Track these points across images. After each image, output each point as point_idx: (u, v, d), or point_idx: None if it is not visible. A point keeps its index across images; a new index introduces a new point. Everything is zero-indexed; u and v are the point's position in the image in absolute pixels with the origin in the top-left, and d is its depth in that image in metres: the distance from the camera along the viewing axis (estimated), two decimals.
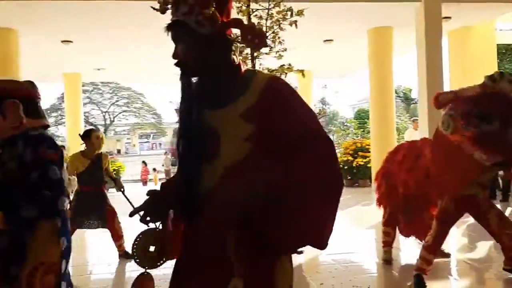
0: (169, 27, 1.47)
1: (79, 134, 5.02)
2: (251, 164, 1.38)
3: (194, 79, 1.54)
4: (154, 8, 1.55)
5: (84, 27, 8.85)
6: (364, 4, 8.02)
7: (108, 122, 49.11)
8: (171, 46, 1.48)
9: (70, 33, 9.28)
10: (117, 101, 47.90)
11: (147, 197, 1.56)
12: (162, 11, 1.53)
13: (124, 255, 4.83)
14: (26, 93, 2.10)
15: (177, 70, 1.51)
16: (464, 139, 3.33)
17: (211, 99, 1.48)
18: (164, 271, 1.67)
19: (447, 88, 8.37)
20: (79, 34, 9.38)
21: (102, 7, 7.63)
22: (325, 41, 10.51)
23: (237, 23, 1.50)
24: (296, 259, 4.77)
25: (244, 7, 5.13)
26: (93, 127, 6.58)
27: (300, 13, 5.08)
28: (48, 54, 10.94)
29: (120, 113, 49.47)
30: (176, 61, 1.50)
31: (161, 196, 1.58)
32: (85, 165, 4.77)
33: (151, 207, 1.54)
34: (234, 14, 5.09)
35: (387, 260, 4.52)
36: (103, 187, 5.00)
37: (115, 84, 44.14)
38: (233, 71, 1.49)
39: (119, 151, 53.72)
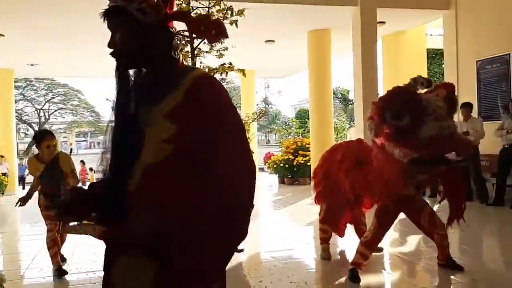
0: (106, 14, 1.39)
1: (32, 137, 4.61)
2: (170, 167, 1.33)
3: (131, 72, 1.45)
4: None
5: (16, 19, 8.37)
6: (304, 6, 8.19)
7: (43, 120, 46.68)
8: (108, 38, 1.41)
9: (1, 26, 8.74)
10: (52, 98, 45.61)
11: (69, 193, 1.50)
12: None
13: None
14: None
15: (113, 62, 1.42)
16: (384, 139, 3.53)
17: (146, 94, 1.41)
18: None
19: (381, 89, 8.77)
20: (11, 28, 8.86)
21: None
22: (266, 41, 10.63)
23: (183, 15, 1.46)
24: (236, 257, 4.81)
25: (184, 5, 5.09)
26: (47, 130, 5.90)
27: (240, 12, 5.11)
28: None
29: (56, 110, 47.17)
30: (111, 50, 1.41)
31: (84, 194, 1.51)
32: (40, 169, 4.46)
33: (69, 203, 1.47)
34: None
35: (325, 257, 4.64)
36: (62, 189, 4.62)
37: (51, 80, 42.07)
38: (171, 66, 1.43)
39: None
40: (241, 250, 5.01)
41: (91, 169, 20.09)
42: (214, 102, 1.36)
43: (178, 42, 1.45)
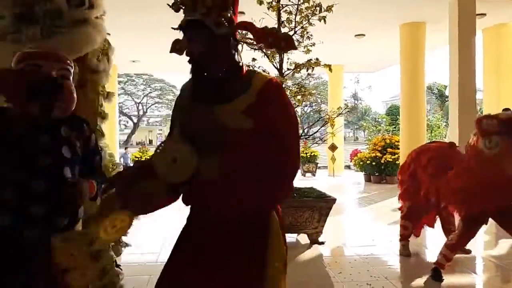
0: (184, 26, 1.60)
1: None
2: (250, 155, 1.55)
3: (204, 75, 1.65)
4: (169, 6, 1.67)
5: (120, 20, 9.15)
6: None
7: (141, 113, 50.13)
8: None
9: (107, 26, 9.59)
10: (150, 92, 48.80)
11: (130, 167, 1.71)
12: (176, 9, 1.63)
13: None
14: None
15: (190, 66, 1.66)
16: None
17: (217, 94, 1.61)
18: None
19: (479, 86, 8.25)
20: (116, 27, 9.69)
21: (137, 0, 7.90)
22: (356, 35, 10.48)
23: (250, 27, 1.64)
24: (317, 249, 4.90)
25: (274, 3, 5.25)
26: None
27: (329, 9, 5.15)
28: None
29: (152, 104, 50.40)
30: (189, 58, 1.64)
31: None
32: None
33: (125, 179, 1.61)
34: (264, 9, 5.23)
35: (404, 253, 4.61)
36: None
37: (149, 76, 44.96)
38: (238, 70, 1.65)
39: (150, 142, 54.83)
40: (322, 243, 5.10)
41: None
42: (281, 101, 1.63)
43: (242, 48, 1.69)
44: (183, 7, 1.61)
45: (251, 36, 1.68)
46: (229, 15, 1.58)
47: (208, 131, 1.58)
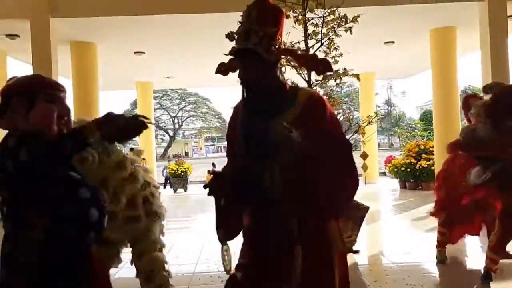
0: (237, 53, 1.87)
1: None
2: (299, 161, 1.81)
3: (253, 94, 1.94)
4: (226, 36, 1.93)
5: (155, 39, 9.52)
6: (426, 5, 7.95)
7: (176, 126, 51.13)
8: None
9: (143, 44, 10.00)
10: (184, 106, 49.76)
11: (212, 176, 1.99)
12: (231, 39, 1.92)
13: None
14: None
15: (240, 86, 1.95)
16: None
17: (268, 109, 1.88)
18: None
19: None
20: (151, 46, 10.08)
21: (171, 19, 8.21)
22: (385, 43, 10.46)
23: (294, 54, 2.03)
24: (352, 258, 4.94)
25: (300, 16, 5.38)
26: None
27: (355, 20, 5.23)
28: (122, 65, 11.83)
29: (187, 117, 51.36)
30: (241, 80, 1.91)
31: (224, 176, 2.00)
32: None
33: (217, 183, 1.94)
34: (291, 22, 5.39)
35: (441, 260, 4.57)
36: None
37: (183, 90, 45.87)
38: (282, 88, 1.92)
39: (186, 154, 55.72)
40: (357, 251, 5.12)
41: (208, 171, 21.12)
42: (324, 113, 1.87)
43: (285, 69, 1.99)
44: (237, 37, 1.88)
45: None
46: (277, 43, 1.86)
47: (265, 143, 1.85)
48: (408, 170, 11.43)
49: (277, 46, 1.87)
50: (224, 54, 1.94)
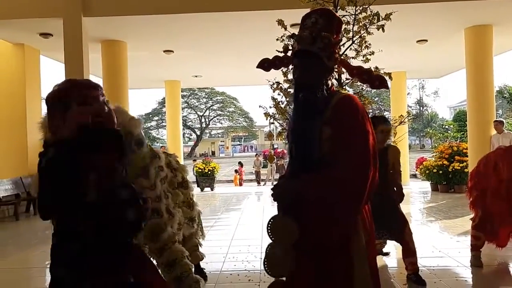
0: (298, 54, 1.99)
1: None
2: (327, 160, 1.91)
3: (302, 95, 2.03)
4: (278, 51, 2.12)
5: (183, 37, 9.58)
6: (461, 2, 7.73)
7: (204, 125, 51.51)
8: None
9: (171, 43, 10.08)
10: (212, 105, 50.05)
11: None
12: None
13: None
14: None
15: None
16: None
17: (312, 109, 1.98)
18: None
19: None
20: (179, 44, 10.15)
21: (200, 18, 8.25)
22: (418, 41, 10.22)
23: (347, 65, 2.14)
24: (382, 260, 4.83)
25: None
26: (382, 116, 5.03)
27: (387, 17, 5.11)
28: (151, 63, 11.96)
29: (215, 117, 51.64)
30: (295, 81, 2.03)
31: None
32: None
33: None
34: None
35: (476, 264, 4.43)
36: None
37: (210, 89, 46.16)
38: (328, 90, 2.03)
39: (213, 153, 56.14)
40: (387, 254, 5.01)
41: (236, 171, 21.14)
42: (348, 117, 1.94)
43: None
44: (298, 39, 2.01)
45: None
46: (336, 51, 1.99)
47: (305, 142, 1.97)
48: (441, 172, 11.13)
49: (336, 55, 2.01)
50: (277, 51, 2.10)
